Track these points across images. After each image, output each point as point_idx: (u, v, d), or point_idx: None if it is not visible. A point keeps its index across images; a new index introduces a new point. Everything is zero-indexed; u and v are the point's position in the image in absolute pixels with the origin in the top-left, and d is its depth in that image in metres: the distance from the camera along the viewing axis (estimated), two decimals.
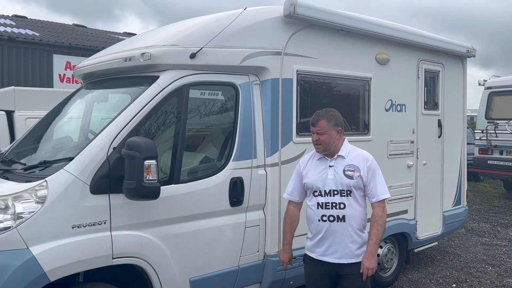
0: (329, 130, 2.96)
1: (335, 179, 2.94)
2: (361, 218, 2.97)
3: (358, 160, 2.98)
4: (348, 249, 2.94)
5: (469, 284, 5.24)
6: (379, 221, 2.92)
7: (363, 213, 3.00)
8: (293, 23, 3.95)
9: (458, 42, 5.83)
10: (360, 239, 2.97)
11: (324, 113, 3.02)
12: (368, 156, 3.02)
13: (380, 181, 2.97)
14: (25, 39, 13.74)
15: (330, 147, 2.98)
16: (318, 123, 2.97)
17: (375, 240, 2.90)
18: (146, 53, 3.35)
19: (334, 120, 2.99)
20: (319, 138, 2.96)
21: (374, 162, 3.00)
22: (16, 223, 2.71)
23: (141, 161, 2.78)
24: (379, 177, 2.98)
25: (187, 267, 3.36)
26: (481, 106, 11.00)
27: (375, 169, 2.98)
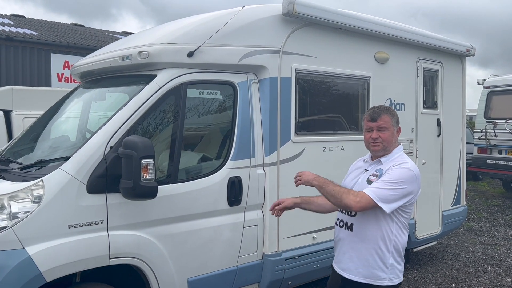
0: (392, 127, 2.56)
1: (360, 184, 2.58)
2: (375, 234, 2.48)
3: (388, 165, 2.53)
4: (352, 264, 2.55)
5: (468, 283, 5.23)
6: (347, 191, 2.43)
7: (380, 230, 2.47)
8: (292, 22, 3.93)
9: (457, 41, 5.82)
10: (371, 258, 2.49)
11: (385, 108, 2.63)
12: (401, 163, 2.49)
13: (385, 184, 2.40)
14: (23, 39, 13.70)
15: (391, 147, 2.57)
16: (380, 117, 2.54)
17: (324, 180, 2.51)
18: (143, 52, 3.32)
19: (396, 117, 2.60)
20: (379, 136, 2.53)
21: (398, 168, 2.45)
22: (12, 223, 2.68)
23: (138, 160, 2.76)
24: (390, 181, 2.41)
25: (185, 267, 3.33)
26: (480, 105, 10.99)
27: (391, 173, 2.44)
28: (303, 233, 4.06)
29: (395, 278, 2.53)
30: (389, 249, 2.50)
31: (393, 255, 2.52)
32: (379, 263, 2.50)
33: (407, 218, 2.56)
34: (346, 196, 2.40)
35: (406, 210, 2.54)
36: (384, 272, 2.50)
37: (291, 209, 2.80)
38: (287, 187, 3.90)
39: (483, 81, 11.20)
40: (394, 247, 2.51)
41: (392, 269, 2.52)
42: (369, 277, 2.51)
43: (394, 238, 2.50)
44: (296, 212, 3.99)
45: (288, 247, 3.93)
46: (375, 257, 2.50)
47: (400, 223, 2.53)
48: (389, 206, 2.39)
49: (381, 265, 2.50)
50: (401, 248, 2.56)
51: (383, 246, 2.50)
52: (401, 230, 2.54)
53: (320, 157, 4.20)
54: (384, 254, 2.50)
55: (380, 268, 2.49)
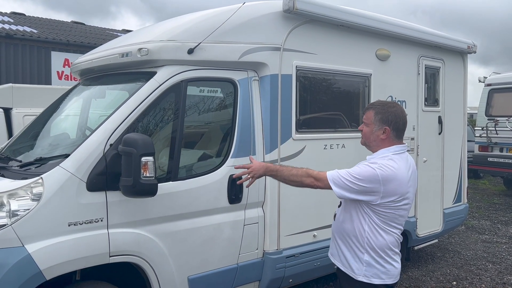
0: (372, 124, 2.53)
1: None
2: (350, 228, 2.54)
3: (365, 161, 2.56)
4: (338, 252, 2.64)
5: (469, 281, 5.21)
6: (304, 171, 2.55)
7: (353, 224, 2.52)
8: (293, 18, 3.91)
9: (458, 38, 5.79)
10: (346, 249, 2.57)
11: (377, 104, 2.61)
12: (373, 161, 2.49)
13: (345, 170, 2.47)
14: (23, 36, 13.68)
15: (370, 143, 2.57)
16: (366, 112, 2.59)
17: (280, 168, 2.60)
18: (143, 49, 3.30)
19: (381, 115, 2.51)
20: (362, 129, 2.60)
21: (363, 166, 2.46)
22: (11, 220, 2.67)
23: (138, 158, 2.74)
24: (349, 174, 2.44)
25: (186, 265, 3.32)
26: (481, 103, 10.96)
27: (356, 167, 2.49)
28: (304, 231, 4.05)
29: (373, 277, 2.48)
30: (362, 245, 2.50)
31: (369, 253, 2.48)
32: (353, 256, 2.55)
33: (383, 220, 2.46)
34: (305, 177, 2.55)
35: (379, 212, 2.44)
36: (358, 268, 2.51)
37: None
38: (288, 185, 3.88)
39: (484, 79, 11.17)
40: (368, 245, 2.48)
41: (369, 267, 2.49)
42: (345, 267, 2.60)
43: (367, 236, 2.48)
44: (297, 210, 3.99)
45: (289, 245, 3.92)
46: (349, 249, 2.57)
47: (373, 222, 2.47)
48: (340, 192, 2.45)
49: (355, 260, 2.53)
50: (378, 248, 2.47)
51: (356, 241, 2.53)
52: (377, 230, 2.47)
53: (321, 155, 4.18)
54: (358, 249, 2.52)
55: (354, 262, 2.54)
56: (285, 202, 3.87)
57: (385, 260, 2.50)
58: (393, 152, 2.50)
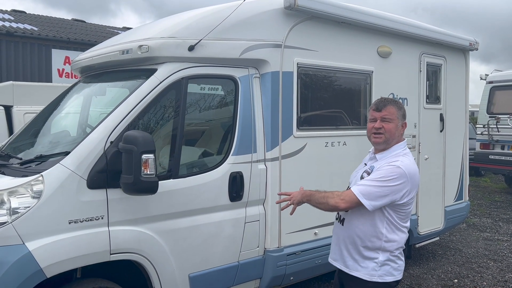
0: (396, 119, 2.48)
1: (355, 178, 2.59)
2: (366, 232, 2.46)
3: (381, 162, 2.48)
4: (343, 257, 2.58)
5: (471, 279, 5.21)
6: (329, 193, 2.45)
7: (371, 228, 2.46)
8: (294, 15, 3.89)
9: (460, 35, 5.77)
10: (360, 256, 2.50)
11: (392, 100, 2.57)
12: (393, 161, 2.42)
13: (372, 182, 2.38)
14: (24, 34, 13.66)
15: (392, 140, 2.50)
16: (386, 108, 2.48)
17: (312, 193, 2.50)
18: (143, 46, 3.29)
19: (403, 111, 2.54)
20: (383, 126, 2.47)
21: (389, 167, 2.39)
22: (12, 218, 2.66)
23: (139, 155, 2.73)
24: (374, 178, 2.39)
25: (186, 263, 3.31)
26: (483, 100, 10.93)
27: (381, 171, 2.40)
28: (305, 229, 4.04)
29: (387, 275, 2.49)
30: (379, 247, 2.47)
31: (385, 253, 2.48)
32: (367, 259, 2.49)
33: (402, 218, 2.49)
34: (331, 198, 2.43)
35: (400, 210, 2.46)
36: (373, 269, 2.48)
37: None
38: (289, 183, 3.87)
39: (485, 76, 11.14)
40: (384, 245, 2.47)
41: (384, 266, 2.48)
42: (356, 270, 2.52)
43: (385, 237, 2.46)
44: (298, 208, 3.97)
45: (290, 242, 3.91)
46: (361, 253, 2.50)
47: (391, 223, 2.47)
48: (372, 204, 2.37)
49: (369, 262, 2.48)
50: (394, 248, 2.49)
51: (372, 243, 2.47)
52: (393, 230, 2.48)
53: (322, 152, 4.17)
54: (373, 251, 2.48)
55: (369, 264, 2.48)
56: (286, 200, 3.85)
57: (398, 257, 2.52)
58: (403, 148, 2.53)
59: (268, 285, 3.87)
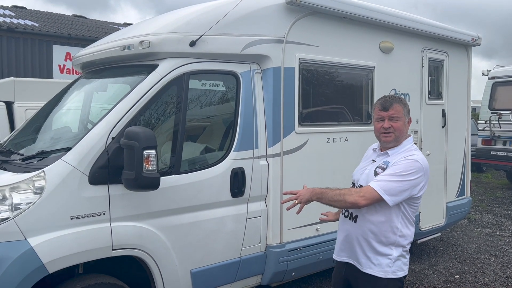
0: (403, 117, 2.51)
1: (367, 175, 2.54)
2: (381, 228, 2.44)
3: (395, 157, 2.47)
4: (355, 254, 2.55)
5: (472, 275, 5.21)
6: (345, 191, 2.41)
7: (386, 224, 2.44)
8: (295, 10, 3.87)
9: (463, 30, 5.74)
10: (373, 252, 2.47)
11: (396, 97, 2.58)
12: (408, 155, 2.43)
13: (391, 176, 2.36)
14: (25, 30, 13.64)
15: (402, 138, 2.52)
16: (392, 107, 2.49)
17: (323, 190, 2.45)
18: (145, 41, 3.28)
19: (408, 107, 2.56)
20: (391, 125, 2.48)
21: (407, 161, 2.39)
22: (14, 214, 2.66)
23: (140, 151, 2.73)
24: (395, 173, 2.36)
25: (188, 259, 3.32)
26: (485, 96, 10.90)
27: (399, 165, 2.39)
28: (307, 225, 4.04)
29: (399, 271, 2.50)
30: (394, 242, 2.47)
31: (399, 249, 2.48)
32: (381, 255, 2.47)
33: (414, 211, 2.52)
34: (348, 195, 2.39)
35: (414, 204, 2.50)
36: (387, 265, 2.47)
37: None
38: (291, 179, 3.87)
39: (487, 72, 11.10)
40: (398, 240, 2.48)
41: (397, 261, 2.48)
42: (369, 268, 2.49)
43: (400, 232, 2.47)
44: None
45: (292, 238, 3.91)
46: (377, 249, 2.47)
47: (406, 217, 2.49)
48: (393, 199, 2.37)
49: (383, 258, 2.47)
50: (406, 242, 2.51)
51: (386, 239, 2.46)
52: (406, 225, 2.50)
53: (324, 148, 4.16)
54: (387, 247, 2.47)
55: (383, 261, 2.47)
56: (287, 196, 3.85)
57: (407, 251, 2.53)
58: (412, 143, 2.57)
59: (270, 281, 3.88)
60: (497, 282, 4.99)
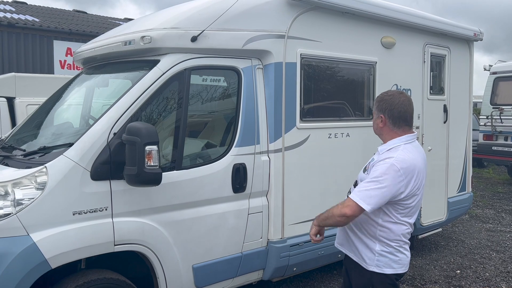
0: (374, 113, 2.60)
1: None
2: (362, 219, 2.48)
3: (380, 157, 2.47)
4: (347, 242, 2.62)
5: (473, 270, 5.22)
6: (331, 210, 2.46)
7: (366, 216, 2.45)
8: (297, 5, 3.86)
9: (465, 25, 5.71)
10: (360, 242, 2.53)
11: (379, 95, 2.61)
12: (385, 157, 2.41)
13: (367, 184, 2.37)
14: (25, 25, 13.60)
15: (376, 133, 2.61)
16: None
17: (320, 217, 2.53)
18: (146, 37, 3.27)
19: (377, 103, 2.55)
20: None
21: (383, 165, 2.38)
22: (16, 209, 2.67)
23: (142, 147, 2.73)
24: (370, 180, 2.37)
25: (190, 254, 3.33)
26: (486, 91, 10.88)
27: (375, 170, 2.40)
28: (308, 220, 4.04)
29: (385, 267, 2.46)
30: (375, 236, 2.47)
31: (382, 244, 2.46)
32: (365, 247, 2.50)
33: (403, 210, 2.44)
34: (336, 210, 2.43)
35: (399, 206, 2.42)
36: (370, 258, 2.48)
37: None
38: (292, 174, 3.88)
39: (489, 67, 11.06)
40: (381, 236, 2.45)
41: (381, 256, 2.46)
42: (357, 257, 2.56)
43: (380, 227, 2.45)
44: (301, 199, 3.98)
45: (293, 233, 3.92)
46: (361, 240, 2.53)
47: (388, 215, 2.44)
48: (373, 207, 2.34)
49: (367, 250, 2.49)
50: (391, 237, 2.46)
51: (368, 232, 2.49)
52: (391, 223, 2.45)
53: (325, 144, 4.16)
54: (370, 240, 2.48)
55: (366, 252, 2.50)
56: (289, 191, 3.86)
57: (397, 250, 2.48)
58: (404, 142, 2.48)
59: (271, 276, 3.89)
60: (498, 277, 5.01)
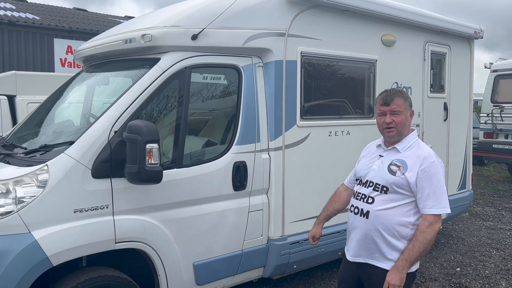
0: (405, 110, 2.50)
1: (378, 171, 2.53)
2: (393, 222, 2.43)
3: (412, 158, 2.45)
4: (369, 251, 2.52)
5: (473, 267, 5.23)
6: (418, 236, 2.36)
7: (399, 218, 2.43)
8: (297, 3, 3.86)
9: (465, 23, 5.71)
10: (388, 246, 2.46)
11: (397, 91, 2.56)
12: (427, 156, 2.42)
13: (436, 191, 2.37)
14: (26, 23, 13.61)
15: (404, 131, 2.52)
16: (393, 101, 2.48)
17: (406, 256, 2.37)
18: (146, 35, 3.27)
19: (409, 100, 2.54)
20: (393, 119, 2.48)
21: (433, 165, 2.40)
22: (18, 207, 2.68)
23: (143, 145, 2.74)
24: (436, 186, 2.37)
25: (191, 252, 3.34)
26: (487, 89, 10.87)
27: (431, 175, 2.38)
28: (308, 218, 4.05)
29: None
30: (405, 235, 2.44)
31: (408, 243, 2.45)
32: (391, 249, 2.45)
33: None
34: (424, 237, 2.37)
35: None
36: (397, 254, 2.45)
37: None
38: (292, 172, 3.88)
39: (490, 65, 11.05)
40: (411, 234, 2.44)
41: None
42: (384, 262, 2.47)
43: (410, 225, 2.45)
44: (301, 197, 3.99)
45: (293, 231, 3.93)
46: (390, 243, 2.45)
47: (418, 210, 2.46)
48: (448, 205, 2.43)
49: (393, 251, 2.45)
50: None
51: (398, 232, 2.44)
52: (418, 218, 2.46)
53: (326, 142, 4.16)
54: (400, 241, 2.44)
55: (393, 254, 2.44)
56: (289, 189, 3.87)
57: None
58: (417, 136, 2.58)
59: (272, 274, 3.90)
60: (498, 275, 5.02)
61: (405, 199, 2.44)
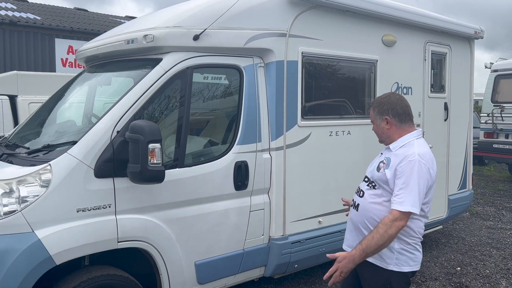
0: (375, 120, 2.64)
1: (371, 167, 2.64)
2: (378, 216, 2.46)
3: (397, 156, 2.48)
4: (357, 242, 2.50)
5: (473, 267, 5.25)
6: (379, 229, 2.35)
7: (384, 213, 2.44)
8: (298, 4, 3.88)
9: (465, 23, 5.73)
10: None
11: (374, 101, 2.70)
12: (409, 155, 2.43)
13: (407, 188, 2.36)
14: (27, 23, 13.64)
15: (384, 138, 2.63)
16: (369, 112, 2.70)
17: (363, 246, 2.36)
18: (148, 35, 3.29)
19: (378, 108, 2.61)
20: (373, 129, 2.70)
21: (411, 164, 2.39)
22: (21, 206, 2.70)
23: (145, 145, 2.76)
24: (408, 184, 2.37)
25: (192, 251, 3.36)
26: (487, 89, 10.87)
27: (406, 172, 2.38)
28: (309, 217, 4.08)
29: (403, 265, 2.47)
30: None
31: (401, 241, 2.46)
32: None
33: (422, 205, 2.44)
34: (386, 229, 2.34)
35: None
36: (389, 257, 2.46)
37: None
38: (293, 172, 3.90)
39: (490, 65, 11.06)
40: (403, 233, 2.44)
41: (400, 254, 2.47)
42: (373, 258, 2.48)
43: None
44: (302, 197, 4.01)
45: (294, 231, 3.95)
46: None
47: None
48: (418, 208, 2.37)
49: (385, 249, 2.44)
50: (412, 235, 2.48)
51: None
52: (414, 218, 2.45)
53: (327, 142, 4.18)
54: None
55: (384, 251, 2.45)
56: (290, 189, 3.89)
57: (414, 247, 2.50)
58: (416, 137, 2.56)
59: (273, 273, 3.92)
60: (498, 274, 5.03)
61: (390, 195, 2.46)
